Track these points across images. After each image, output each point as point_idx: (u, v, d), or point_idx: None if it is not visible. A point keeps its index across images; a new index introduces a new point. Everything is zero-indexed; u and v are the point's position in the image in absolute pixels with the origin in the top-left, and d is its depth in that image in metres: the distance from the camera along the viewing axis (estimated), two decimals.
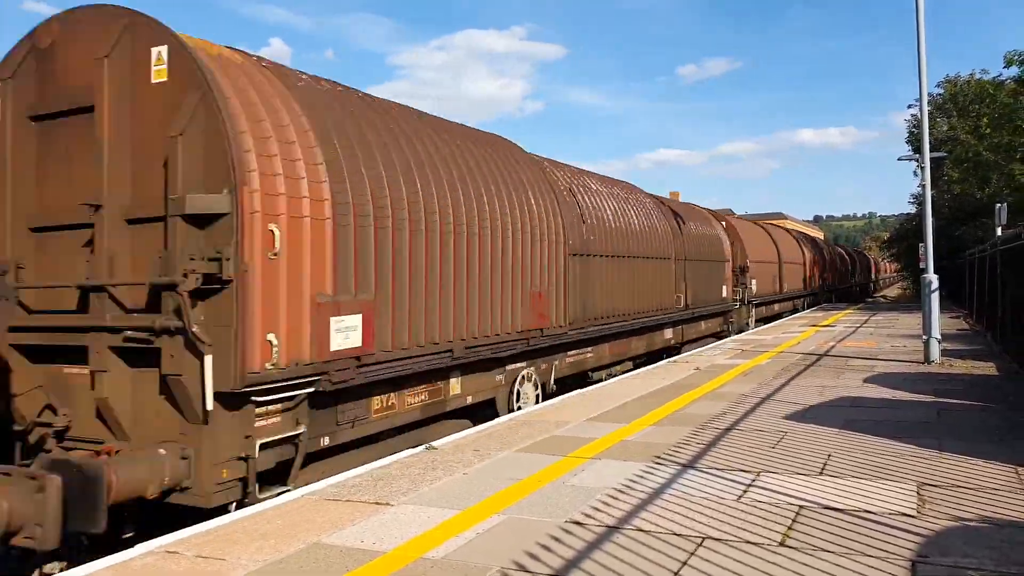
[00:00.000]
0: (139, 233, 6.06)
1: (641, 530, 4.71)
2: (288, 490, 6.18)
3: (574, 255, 11.34)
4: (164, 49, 6.08)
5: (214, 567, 4.30)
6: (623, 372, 13.68)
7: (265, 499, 5.87)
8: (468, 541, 4.61)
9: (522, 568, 4.15)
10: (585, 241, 11.83)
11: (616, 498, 5.40)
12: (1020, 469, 5.92)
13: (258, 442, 5.98)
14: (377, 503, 5.44)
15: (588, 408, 9.18)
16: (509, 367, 9.84)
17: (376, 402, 7.37)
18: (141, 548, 4.66)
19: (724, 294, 20.77)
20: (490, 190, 9.44)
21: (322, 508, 5.36)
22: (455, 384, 8.68)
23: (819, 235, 78.53)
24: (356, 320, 6.79)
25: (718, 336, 20.64)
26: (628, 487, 5.67)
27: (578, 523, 4.88)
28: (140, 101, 6.12)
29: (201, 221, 5.75)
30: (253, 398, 5.89)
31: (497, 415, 9.35)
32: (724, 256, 20.98)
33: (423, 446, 7.27)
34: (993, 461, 6.17)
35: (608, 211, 13.30)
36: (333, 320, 6.53)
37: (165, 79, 6.06)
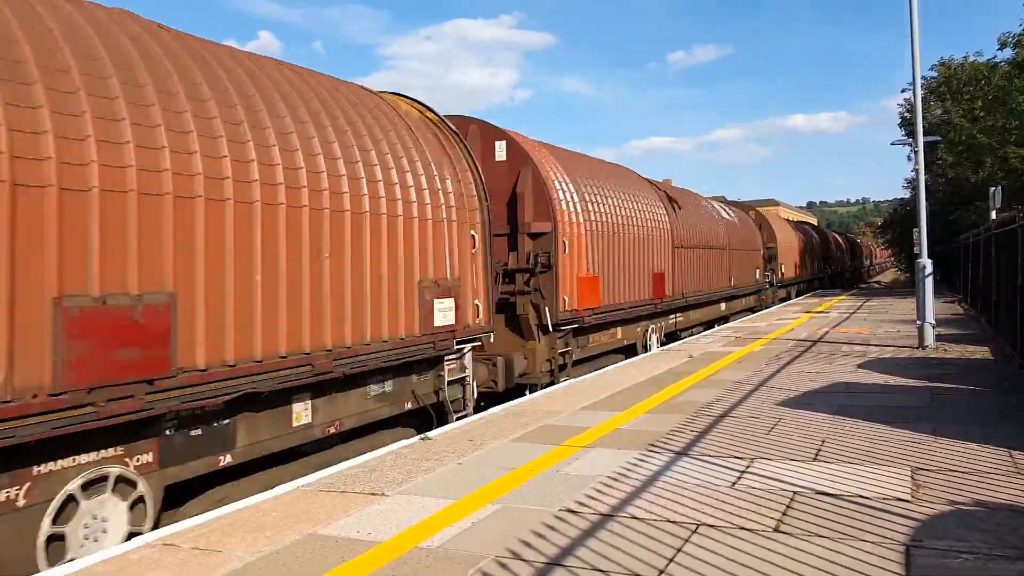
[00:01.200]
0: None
1: (635, 517, 4.72)
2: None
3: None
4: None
5: (211, 559, 4.29)
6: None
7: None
8: (463, 530, 4.61)
9: (517, 556, 4.16)
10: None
11: (610, 486, 5.41)
12: (1014, 453, 5.95)
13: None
14: (372, 494, 5.44)
15: (582, 397, 9.19)
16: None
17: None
18: (138, 541, 4.66)
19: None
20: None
21: (317, 499, 5.36)
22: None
23: (812, 221, 78.58)
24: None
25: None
26: (622, 475, 5.68)
27: (572, 511, 4.89)
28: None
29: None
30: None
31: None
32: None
33: (418, 437, 7.27)
34: (987, 445, 6.20)
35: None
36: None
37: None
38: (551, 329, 11.08)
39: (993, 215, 17.21)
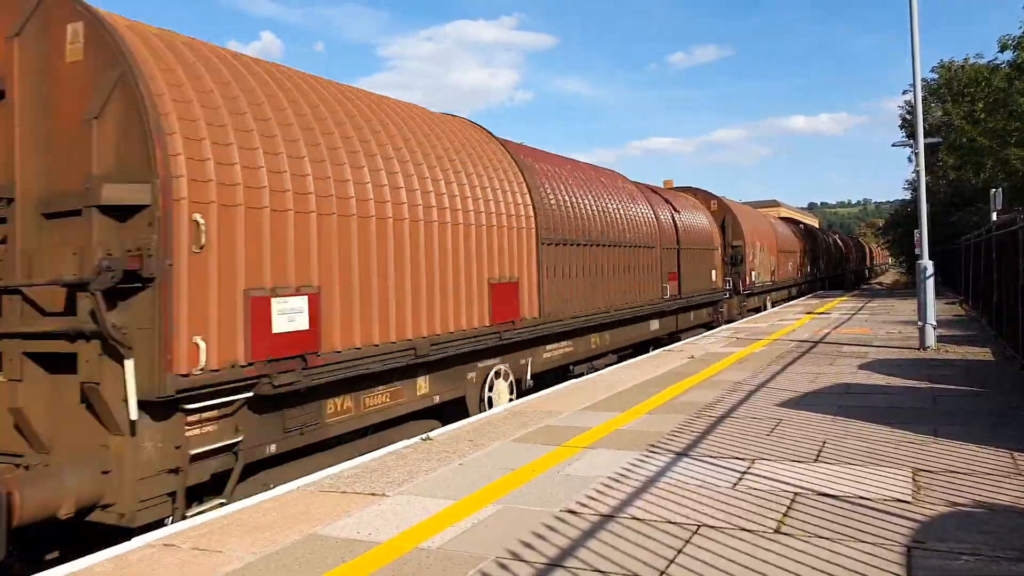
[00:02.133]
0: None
1: (636, 518, 4.72)
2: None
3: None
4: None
5: (211, 559, 4.29)
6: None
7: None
8: (463, 531, 4.61)
9: (517, 557, 4.16)
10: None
11: (611, 487, 5.40)
12: (1016, 454, 5.94)
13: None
14: (372, 494, 5.44)
15: (582, 397, 9.18)
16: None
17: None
18: (139, 540, 4.66)
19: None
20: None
21: (317, 500, 5.36)
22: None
23: (814, 222, 78.55)
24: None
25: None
26: (623, 476, 5.67)
27: (573, 512, 4.89)
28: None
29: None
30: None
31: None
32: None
33: (418, 437, 7.26)
34: (988, 446, 6.19)
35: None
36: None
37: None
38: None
39: (994, 217, 17.19)
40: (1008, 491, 5.03)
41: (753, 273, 24.61)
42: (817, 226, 62.95)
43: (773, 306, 27.89)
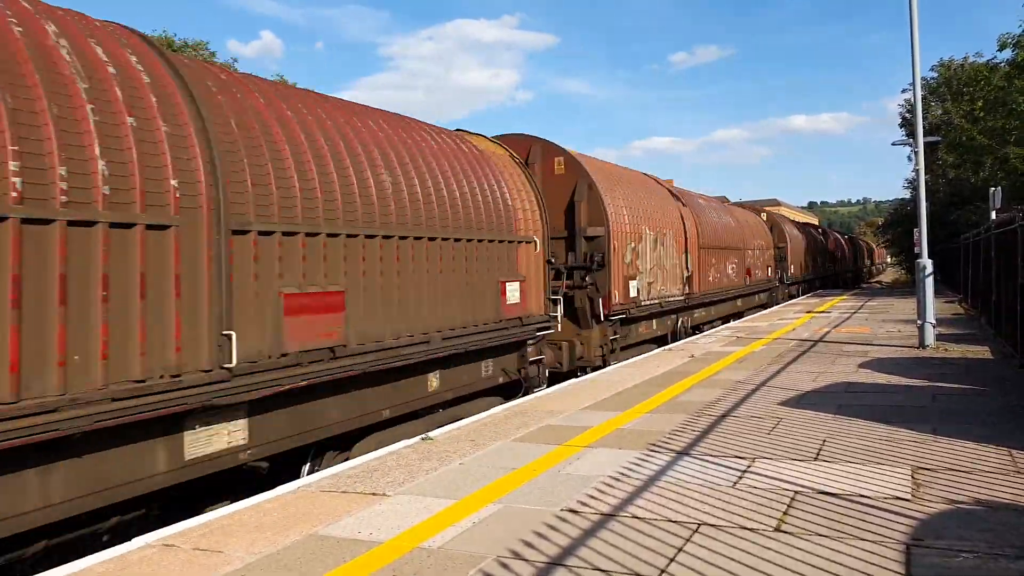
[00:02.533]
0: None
1: (636, 517, 4.73)
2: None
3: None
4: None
5: (211, 559, 4.30)
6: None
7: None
8: (464, 530, 4.62)
9: (518, 556, 4.16)
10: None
11: (611, 486, 5.41)
12: (1015, 452, 5.95)
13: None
14: (373, 494, 5.45)
15: (583, 397, 9.19)
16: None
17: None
18: (139, 541, 4.66)
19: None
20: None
21: (318, 500, 5.37)
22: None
23: (814, 221, 78.59)
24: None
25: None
26: (623, 475, 5.68)
27: (574, 511, 4.90)
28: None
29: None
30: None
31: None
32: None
33: (419, 436, 7.27)
34: (987, 445, 6.20)
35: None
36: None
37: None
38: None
39: (993, 215, 17.20)
40: (1007, 489, 5.04)
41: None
42: (817, 225, 62.95)
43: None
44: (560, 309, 11.33)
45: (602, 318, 12.92)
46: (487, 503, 5.12)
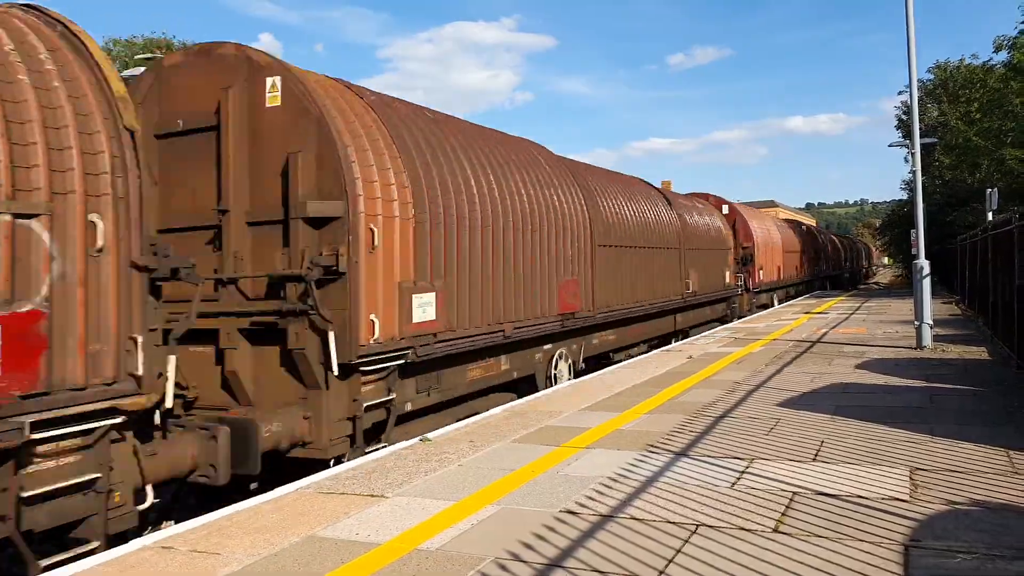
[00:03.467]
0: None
1: (635, 518, 4.73)
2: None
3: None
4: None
5: (209, 562, 4.29)
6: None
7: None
8: (463, 532, 4.62)
9: (517, 558, 4.16)
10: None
11: (610, 487, 5.41)
12: (1012, 453, 5.96)
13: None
14: (372, 495, 5.44)
15: (582, 398, 9.19)
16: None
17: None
18: (136, 543, 4.65)
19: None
20: None
21: (317, 501, 5.36)
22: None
23: (811, 222, 78.71)
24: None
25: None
26: (622, 476, 5.68)
27: (572, 512, 4.90)
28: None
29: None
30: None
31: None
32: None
33: (417, 438, 7.27)
34: (985, 445, 6.21)
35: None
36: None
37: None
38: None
39: (990, 216, 17.26)
40: (1005, 490, 5.05)
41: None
42: (815, 226, 63.08)
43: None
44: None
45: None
46: (486, 504, 5.12)
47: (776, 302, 29.42)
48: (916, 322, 13.16)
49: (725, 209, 24.89)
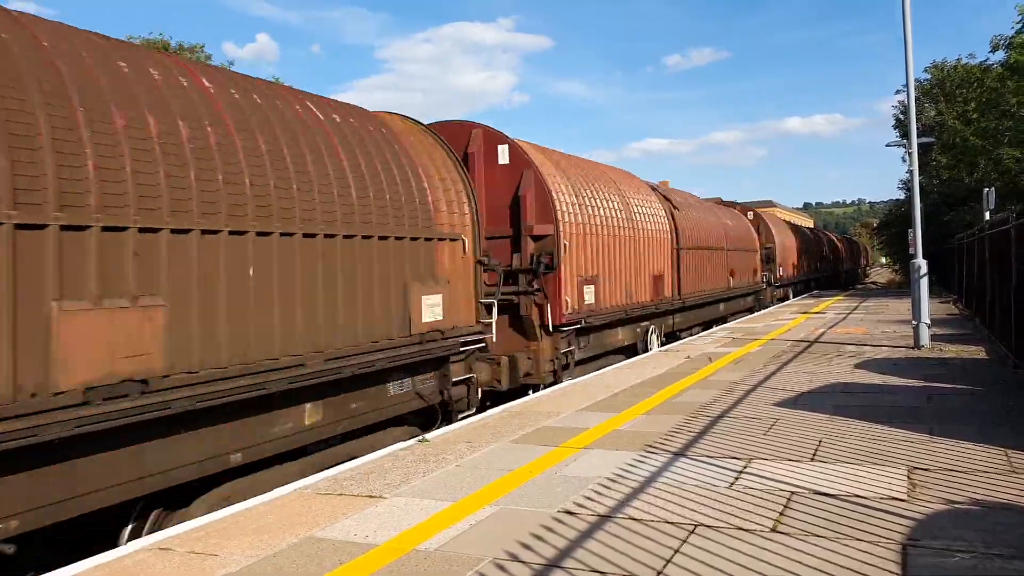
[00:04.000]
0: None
1: (633, 519, 4.73)
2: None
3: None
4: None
5: (207, 563, 4.28)
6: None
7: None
8: (461, 532, 4.61)
9: (515, 558, 4.16)
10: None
11: (608, 487, 5.41)
12: (1010, 452, 5.97)
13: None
14: (370, 496, 5.44)
15: (580, 398, 9.19)
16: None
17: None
18: (134, 545, 4.64)
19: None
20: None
21: (315, 502, 5.35)
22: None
23: (809, 223, 78.72)
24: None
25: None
26: (620, 476, 5.68)
27: (570, 513, 4.89)
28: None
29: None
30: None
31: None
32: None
33: (416, 439, 7.27)
34: (983, 444, 6.22)
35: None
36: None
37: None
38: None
39: (987, 216, 17.27)
40: (1003, 489, 5.05)
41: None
42: (812, 226, 63.11)
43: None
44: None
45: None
46: (484, 505, 5.12)
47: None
48: (914, 322, 13.18)
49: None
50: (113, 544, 5.09)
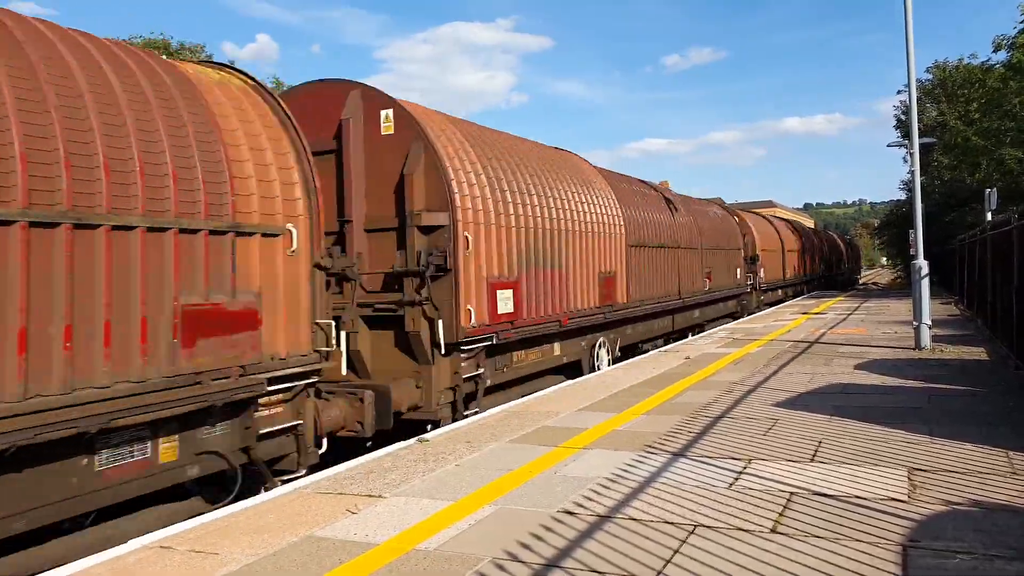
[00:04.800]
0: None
1: (633, 519, 4.73)
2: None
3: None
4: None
5: (208, 562, 4.29)
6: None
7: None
8: (461, 532, 4.61)
9: (515, 558, 4.16)
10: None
11: (607, 487, 5.41)
12: (1011, 453, 5.97)
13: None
14: (370, 495, 5.44)
15: (579, 398, 9.19)
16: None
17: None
18: (134, 543, 4.65)
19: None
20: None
21: (315, 502, 5.36)
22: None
23: (810, 223, 78.73)
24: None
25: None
26: (619, 476, 5.68)
27: (570, 512, 4.90)
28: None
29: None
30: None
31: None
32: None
33: (415, 439, 7.27)
34: (984, 445, 6.22)
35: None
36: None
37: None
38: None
39: (989, 216, 17.26)
40: (1003, 490, 5.05)
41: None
42: (812, 227, 63.12)
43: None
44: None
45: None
46: (484, 504, 5.12)
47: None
48: (915, 323, 13.17)
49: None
50: None
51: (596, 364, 12.76)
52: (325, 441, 7.22)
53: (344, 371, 8.01)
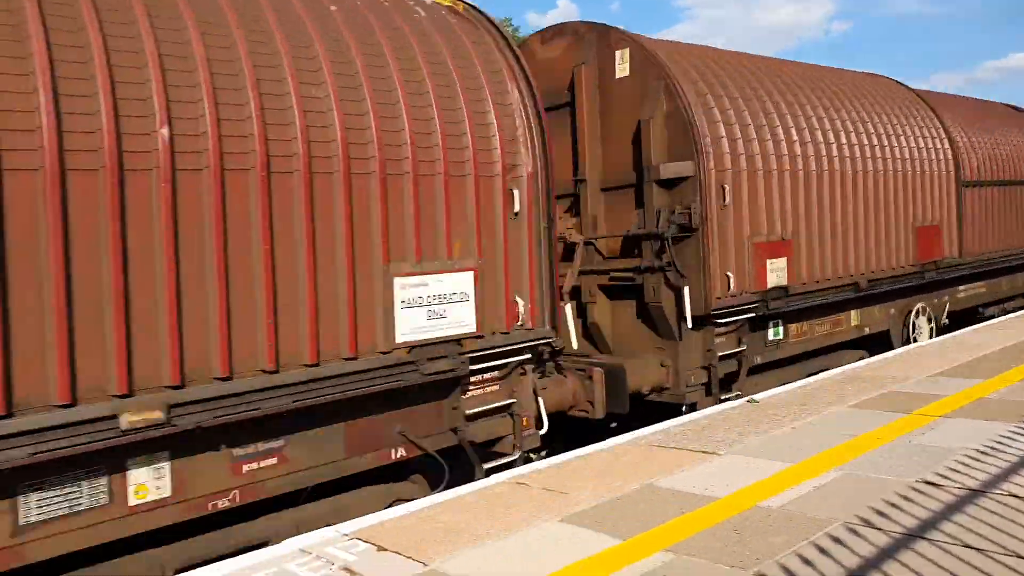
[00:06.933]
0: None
1: (1015, 495, 4.14)
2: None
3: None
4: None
5: (558, 500, 4.72)
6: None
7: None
8: (803, 494, 4.46)
9: (869, 524, 3.91)
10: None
11: (978, 460, 4.79)
12: None
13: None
14: (703, 452, 5.49)
15: (931, 362, 8.20)
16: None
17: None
18: (497, 477, 5.28)
19: None
20: None
21: (650, 454, 5.57)
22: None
23: None
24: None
25: None
26: (992, 449, 4.99)
27: (932, 484, 4.44)
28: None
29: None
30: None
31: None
32: None
33: (745, 398, 7.14)
34: None
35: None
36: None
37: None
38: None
39: None
40: None
41: None
42: None
43: None
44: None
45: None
46: (827, 469, 4.87)
47: None
48: None
49: None
50: None
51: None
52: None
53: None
